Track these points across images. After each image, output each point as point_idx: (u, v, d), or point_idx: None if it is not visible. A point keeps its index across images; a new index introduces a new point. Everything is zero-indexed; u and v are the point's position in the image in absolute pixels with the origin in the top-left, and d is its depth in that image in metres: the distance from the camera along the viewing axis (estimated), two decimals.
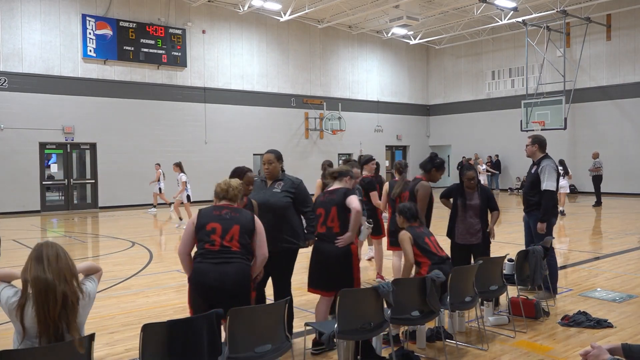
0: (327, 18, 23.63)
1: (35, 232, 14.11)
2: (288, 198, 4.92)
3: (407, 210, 5.15)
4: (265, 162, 5.00)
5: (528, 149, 6.60)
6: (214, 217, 3.94)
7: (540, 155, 6.52)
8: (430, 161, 6.07)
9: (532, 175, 6.51)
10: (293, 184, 4.98)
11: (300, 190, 4.99)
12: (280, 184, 4.96)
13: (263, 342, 3.53)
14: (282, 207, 4.87)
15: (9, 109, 17.56)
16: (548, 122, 22.17)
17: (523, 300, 5.64)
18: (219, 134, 21.79)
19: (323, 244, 4.79)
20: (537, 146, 6.52)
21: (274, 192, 4.92)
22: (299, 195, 4.97)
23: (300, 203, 4.97)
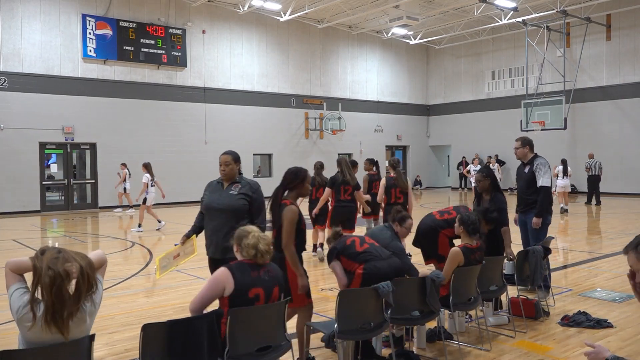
0: (327, 18, 23.63)
1: (35, 232, 14.12)
2: (244, 201, 4.69)
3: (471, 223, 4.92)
4: (222, 164, 4.76)
5: (519, 152, 6.62)
6: (255, 280, 3.46)
7: (531, 155, 6.62)
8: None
9: (526, 175, 6.56)
10: (251, 187, 4.76)
11: (257, 195, 4.76)
12: (238, 186, 4.75)
13: (263, 342, 3.53)
14: (237, 210, 4.64)
15: (9, 109, 17.56)
16: (548, 122, 22.18)
17: (523, 300, 5.64)
18: (219, 134, 21.79)
19: None
20: (528, 147, 6.61)
21: (230, 194, 4.71)
22: (256, 200, 4.73)
23: (254, 210, 4.71)
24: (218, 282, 3.40)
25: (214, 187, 4.86)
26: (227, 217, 4.63)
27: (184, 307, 6.29)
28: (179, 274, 8.28)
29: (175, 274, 8.28)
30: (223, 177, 4.79)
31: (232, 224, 4.46)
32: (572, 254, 9.74)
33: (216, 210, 4.70)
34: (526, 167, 6.58)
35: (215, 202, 4.72)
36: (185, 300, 6.64)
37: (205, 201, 4.85)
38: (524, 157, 6.61)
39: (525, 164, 6.62)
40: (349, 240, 4.52)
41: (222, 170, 4.77)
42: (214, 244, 4.74)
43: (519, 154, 6.63)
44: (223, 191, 4.77)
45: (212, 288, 3.41)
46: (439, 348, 4.87)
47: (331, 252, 4.55)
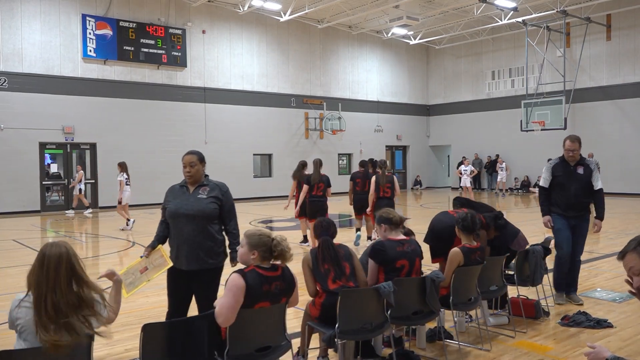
0: (327, 18, 23.63)
1: (35, 232, 14.12)
2: (215, 205, 4.31)
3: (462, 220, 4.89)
4: (187, 165, 4.33)
5: (576, 153, 6.13)
6: (264, 294, 3.42)
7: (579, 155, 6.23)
8: (494, 220, 5.55)
9: (582, 176, 6.13)
10: (220, 190, 4.39)
11: (227, 198, 4.41)
12: (206, 189, 4.35)
13: (263, 342, 3.53)
14: (208, 215, 4.26)
15: (9, 109, 17.56)
16: (548, 122, 22.18)
17: (523, 300, 5.64)
18: (219, 134, 21.80)
19: None
20: (580, 147, 6.18)
21: (199, 199, 4.29)
22: (226, 203, 4.38)
23: (225, 213, 4.37)
24: (239, 287, 3.35)
25: (178, 191, 4.41)
26: (198, 224, 4.23)
27: None
28: None
29: None
30: (189, 180, 4.37)
31: (204, 231, 4.23)
32: None
33: (185, 217, 4.23)
34: (578, 167, 6.14)
35: (184, 208, 4.25)
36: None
37: (171, 208, 4.33)
38: (576, 157, 6.17)
39: (576, 165, 6.16)
40: (400, 263, 4.33)
41: (188, 172, 4.33)
42: (184, 255, 4.25)
43: (576, 156, 6.14)
44: (190, 195, 4.33)
45: (236, 294, 3.34)
46: (439, 348, 4.87)
47: (377, 253, 4.37)
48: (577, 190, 6.11)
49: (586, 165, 6.14)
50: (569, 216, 6.18)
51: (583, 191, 6.12)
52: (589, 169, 6.12)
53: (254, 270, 3.44)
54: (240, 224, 4.61)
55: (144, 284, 4.24)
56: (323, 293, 4.11)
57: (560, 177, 6.18)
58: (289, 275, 3.60)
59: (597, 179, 6.13)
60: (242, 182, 22.36)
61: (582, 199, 6.15)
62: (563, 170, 6.18)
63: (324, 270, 4.12)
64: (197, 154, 4.43)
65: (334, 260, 4.14)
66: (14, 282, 7.74)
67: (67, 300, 2.86)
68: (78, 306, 2.88)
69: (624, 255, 2.50)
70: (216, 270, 4.34)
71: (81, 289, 2.93)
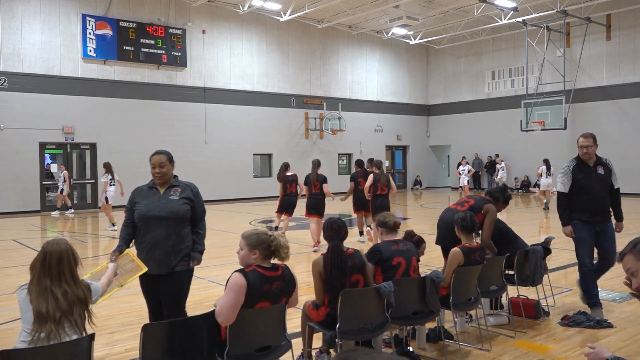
0: (327, 18, 23.63)
1: (35, 232, 14.11)
2: (188, 206, 4.19)
3: (461, 220, 4.90)
4: (156, 165, 4.18)
5: (591, 150, 5.61)
6: (264, 294, 3.44)
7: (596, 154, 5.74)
8: (502, 192, 5.79)
9: (603, 177, 5.65)
10: (192, 190, 4.27)
11: (199, 198, 4.31)
12: (177, 190, 4.22)
13: (263, 342, 3.53)
14: (182, 217, 4.15)
15: (9, 109, 17.56)
16: (548, 122, 22.19)
17: (523, 300, 5.64)
18: (219, 134, 21.80)
19: None
20: (597, 145, 5.68)
21: (171, 200, 4.16)
22: (198, 204, 4.27)
23: (196, 214, 4.27)
24: (240, 286, 3.34)
25: (147, 193, 4.25)
26: (170, 226, 4.11)
27: None
28: None
29: None
30: (158, 181, 4.21)
31: (177, 233, 4.12)
32: (572, 254, 9.71)
33: (157, 219, 4.09)
34: (598, 167, 5.63)
35: (156, 210, 4.11)
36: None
37: (141, 210, 4.16)
38: (592, 156, 5.65)
39: (595, 165, 5.66)
40: (396, 261, 4.36)
41: (157, 172, 4.18)
42: (155, 258, 4.11)
43: (591, 153, 5.62)
44: (161, 197, 4.18)
45: (237, 293, 3.34)
46: (439, 348, 4.87)
47: (373, 255, 4.39)
48: (600, 192, 5.61)
49: (605, 165, 5.66)
50: (594, 221, 5.64)
51: (606, 192, 5.68)
52: (608, 168, 5.67)
53: (255, 269, 3.44)
54: (241, 224, 4.63)
55: (116, 290, 4.05)
56: (329, 306, 4.07)
57: (581, 180, 5.58)
58: (290, 275, 3.59)
59: (615, 178, 5.74)
60: (242, 182, 22.37)
61: (606, 201, 5.70)
62: (583, 171, 5.60)
63: (334, 287, 4.01)
64: (166, 153, 4.26)
65: (341, 271, 4.02)
66: (14, 282, 7.74)
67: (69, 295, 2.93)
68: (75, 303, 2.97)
69: (622, 257, 2.53)
70: (185, 274, 4.21)
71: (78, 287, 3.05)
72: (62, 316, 2.94)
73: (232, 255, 9.19)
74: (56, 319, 2.92)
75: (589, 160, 5.62)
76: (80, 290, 3.11)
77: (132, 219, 4.24)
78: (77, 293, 3.07)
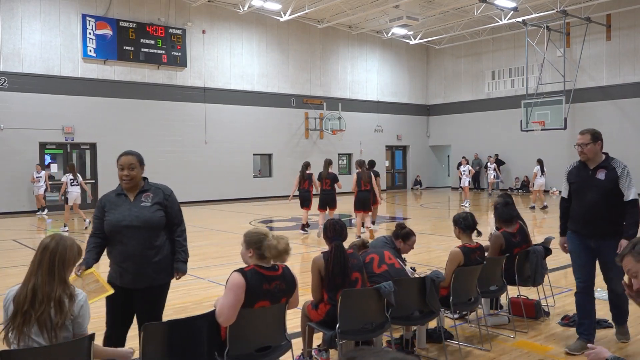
0: (327, 18, 23.63)
1: (35, 232, 14.11)
2: (161, 213, 3.83)
3: (463, 220, 4.97)
4: (125, 167, 3.78)
5: (589, 149, 4.72)
6: (264, 293, 3.40)
7: (603, 155, 4.79)
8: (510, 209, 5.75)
9: (602, 182, 4.67)
10: (164, 194, 3.90)
11: (173, 202, 3.94)
12: (148, 195, 3.84)
13: (263, 342, 3.53)
14: (156, 225, 3.79)
15: (9, 109, 17.56)
16: (548, 122, 22.18)
17: (524, 300, 5.64)
18: (219, 134, 21.80)
19: None
20: (600, 144, 4.74)
21: (143, 207, 3.78)
22: (172, 208, 3.91)
23: (172, 219, 3.90)
24: (239, 286, 3.33)
25: (115, 200, 3.84)
26: (144, 237, 3.74)
27: (184, 307, 6.29)
28: None
29: None
30: (126, 185, 3.82)
31: (152, 243, 3.76)
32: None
33: (130, 229, 3.72)
34: (599, 171, 4.70)
35: (127, 220, 3.74)
36: (185, 300, 6.64)
37: (111, 220, 3.77)
38: (594, 156, 4.74)
39: (597, 168, 4.73)
40: (368, 258, 4.47)
41: (126, 175, 3.78)
42: (130, 271, 3.75)
43: (588, 153, 4.72)
44: (132, 204, 3.80)
45: (237, 293, 3.32)
46: (439, 348, 4.87)
47: None
48: (593, 200, 4.67)
49: (611, 169, 4.66)
50: (585, 235, 4.79)
51: (604, 201, 4.64)
52: (615, 174, 4.62)
53: (254, 269, 3.45)
54: (241, 224, 4.61)
55: None
56: (329, 303, 4.08)
57: (574, 185, 4.87)
58: (290, 275, 3.59)
59: (627, 187, 4.60)
60: (242, 182, 22.37)
61: (602, 212, 4.65)
62: (579, 175, 4.83)
63: (336, 284, 4.03)
64: (136, 154, 3.86)
65: (343, 270, 4.05)
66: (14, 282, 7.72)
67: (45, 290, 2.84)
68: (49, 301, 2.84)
69: (622, 259, 2.54)
70: (164, 287, 3.94)
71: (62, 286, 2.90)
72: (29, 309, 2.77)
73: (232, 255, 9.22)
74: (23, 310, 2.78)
75: (588, 161, 4.76)
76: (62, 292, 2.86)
77: (101, 229, 3.82)
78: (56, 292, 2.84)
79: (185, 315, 4.38)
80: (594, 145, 4.71)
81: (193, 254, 4.78)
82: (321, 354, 4.44)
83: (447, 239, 10.40)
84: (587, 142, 4.71)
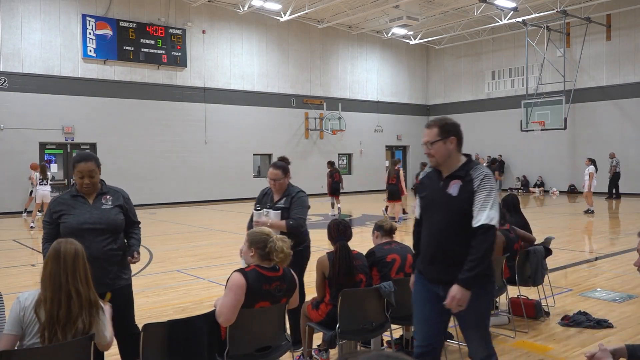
0: (327, 18, 23.63)
1: (35, 232, 14.11)
2: (122, 216, 3.81)
3: None
4: (85, 175, 3.65)
5: (435, 150, 3.23)
6: (264, 293, 3.41)
7: (462, 158, 3.29)
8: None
9: (455, 201, 3.15)
10: (123, 197, 3.87)
11: (130, 204, 3.95)
12: (108, 197, 3.79)
13: (263, 342, 3.53)
14: (118, 227, 3.77)
15: (9, 109, 17.56)
16: (548, 122, 22.17)
17: (524, 300, 5.64)
18: (219, 134, 21.80)
19: None
20: (455, 141, 3.27)
21: (104, 210, 3.72)
22: (130, 210, 3.92)
23: (130, 220, 3.92)
24: (240, 286, 3.33)
25: (72, 202, 3.71)
26: (107, 239, 3.68)
27: (184, 307, 6.29)
28: (179, 273, 8.29)
29: (175, 274, 8.26)
30: (87, 190, 3.70)
31: (113, 246, 3.72)
32: (572, 254, 9.74)
33: (92, 232, 3.62)
34: (452, 183, 3.19)
35: (89, 222, 3.64)
36: (185, 300, 6.64)
37: (71, 222, 3.65)
38: (445, 160, 3.23)
39: (449, 178, 3.22)
40: (390, 257, 4.38)
41: (86, 184, 3.67)
42: (94, 276, 3.31)
43: (436, 155, 3.23)
44: (92, 206, 3.71)
45: (237, 293, 3.32)
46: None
47: (369, 257, 4.42)
48: (441, 226, 3.17)
49: (468, 180, 3.13)
50: (430, 279, 3.28)
51: (455, 228, 3.12)
52: (470, 185, 3.11)
53: (255, 269, 3.45)
54: (241, 224, 4.61)
55: None
56: (330, 304, 4.08)
57: (424, 201, 3.37)
58: (290, 276, 3.59)
59: (482, 206, 3.05)
60: (242, 182, 22.37)
61: (452, 245, 3.13)
62: (429, 187, 3.33)
63: (340, 283, 4.04)
64: (94, 159, 3.73)
65: (348, 270, 4.06)
66: (14, 282, 7.74)
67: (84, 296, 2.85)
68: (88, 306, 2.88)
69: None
70: (129, 286, 3.91)
71: (90, 289, 2.93)
72: (67, 322, 2.78)
73: (232, 255, 9.22)
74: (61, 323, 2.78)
75: (439, 167, 3.26)
76: (93, 293, 2.92)
77: (56, 234, 3.64)
78: (89, 295, 2.89)
79: (185, 315, 4.37)
80: (444, 144, 3.20)
81: (193, 254, 4.82)
82: (321, 354, 4.44)
83: None
84: (434, 138, 3.21)
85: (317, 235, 6.71)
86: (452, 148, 3.24)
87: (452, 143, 3.24)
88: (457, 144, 3.28)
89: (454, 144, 3.25)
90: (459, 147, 3.29)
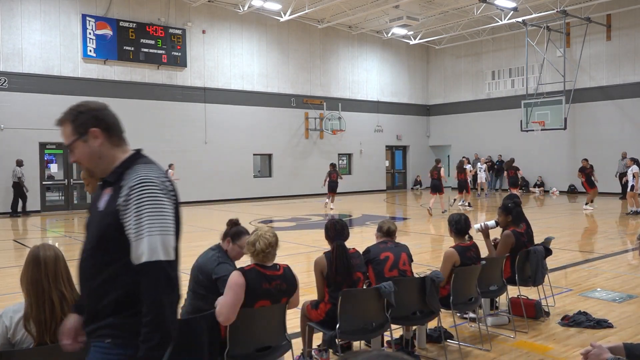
0: (327, 18, 23.62)
1: (35, 232, 14.11)
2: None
3: (455, 223, 4.97)
4: None
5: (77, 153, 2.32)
6: (264, 292, 3.43)
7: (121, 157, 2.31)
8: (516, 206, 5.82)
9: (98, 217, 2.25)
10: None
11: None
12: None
13: (263, 342, 3.53)
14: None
15: (9, 109, 17.56)
16: (548, 122, 22.17)
17: (524, 300, 5.64)
18: (219, 134, 21.79)
19: None
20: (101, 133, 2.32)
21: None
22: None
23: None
24: (239, 285, 3.35)
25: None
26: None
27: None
28: None
29: None
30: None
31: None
32: (572, 254, 9.74)
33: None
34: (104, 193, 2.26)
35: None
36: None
37: None
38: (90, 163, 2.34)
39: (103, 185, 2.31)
40: (383, 255, 4.44)
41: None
42: None
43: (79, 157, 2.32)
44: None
45: (237, 292, 3.34)
46: (438, 348, 4.87)
47: (365, 254, 4.49)
48: (83, 254, 2.26)
49: (117, 188, 2.19)
50: None
51: (95, 261, 2.19)
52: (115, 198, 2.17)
53: (254, 268, 3.46)
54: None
55: None
56: (329, 303, 4.09)
57: None
58: (291, 276, 3.59)
59: (139, 231, 2.08)
60: (242, 182, 22.37)
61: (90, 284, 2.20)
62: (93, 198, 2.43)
63: (338, 282, 4.07)
64: None
65: (346, 269, 4.09)
66: (14, 282, 7.73)
67: (69, 298, 2.84)
68: None
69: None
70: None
71: (74, 290, 2.89)
72: (57, 327, 2.66)
73: None
74: (51, 329, 2.72)
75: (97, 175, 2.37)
76: (77, 294, 2.85)
77: None
78: (74, 297, 2.83)
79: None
80: (85, 143, 2.28)
81: (193, 254, 4.84)
82: (321, 354, 4.44)
83: (447, 238, 10.40)
84: (70, 139, 2.29)
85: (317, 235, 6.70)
86: (97, 145, 2.25)
87: (96, 138, 2.25)
88: (106, 136, 2.28)
89: (100, 138, 2.26)
90: (111, 138, 2.29)
